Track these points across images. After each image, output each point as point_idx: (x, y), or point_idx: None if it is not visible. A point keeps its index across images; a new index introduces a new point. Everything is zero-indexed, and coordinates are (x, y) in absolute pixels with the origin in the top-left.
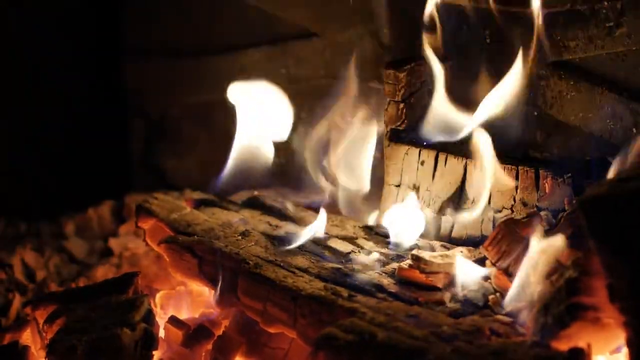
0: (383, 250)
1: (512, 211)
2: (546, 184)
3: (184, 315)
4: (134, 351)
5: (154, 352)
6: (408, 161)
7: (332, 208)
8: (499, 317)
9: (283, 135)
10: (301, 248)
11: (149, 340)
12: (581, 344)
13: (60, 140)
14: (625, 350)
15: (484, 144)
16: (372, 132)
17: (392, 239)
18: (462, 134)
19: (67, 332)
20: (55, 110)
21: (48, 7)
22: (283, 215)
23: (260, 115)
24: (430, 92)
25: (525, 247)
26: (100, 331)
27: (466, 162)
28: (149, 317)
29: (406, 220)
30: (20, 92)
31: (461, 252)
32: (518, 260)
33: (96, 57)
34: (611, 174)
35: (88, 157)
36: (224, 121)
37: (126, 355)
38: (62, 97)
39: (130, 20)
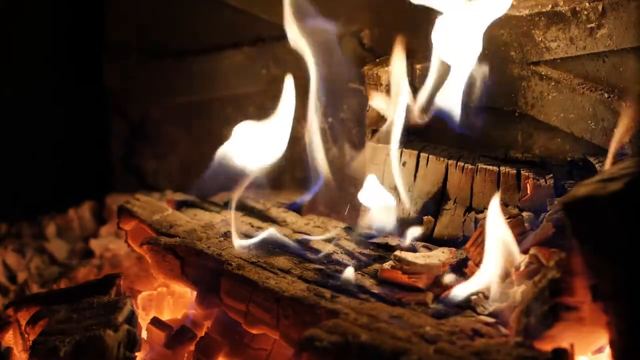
0: (365, 251)
1: None
2: (528, 185)
3: (166, 316)
4: (117, 352)
5: (136, 354)
6: (389, 162)
7: (314, 209)
8: (482, 317)
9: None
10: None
11: (132, 342)
12: (564, 344)
13: (40, 140)
14: (607, 351)
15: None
16: None
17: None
18: None
19: (50, 334)
20: (35, 111)
21: (27, 4)
22: (265, 217)
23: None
24: None
25: (507, 247)
26: (83, 332)
27: (447, 163)
28: (132, 318)
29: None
30: None
31: (443, 252)
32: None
33: (77, 57)
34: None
35: (68, 157)
36: (205, 122)
37: (109, 356)
38: (42, 97)
39: (112, 20)
